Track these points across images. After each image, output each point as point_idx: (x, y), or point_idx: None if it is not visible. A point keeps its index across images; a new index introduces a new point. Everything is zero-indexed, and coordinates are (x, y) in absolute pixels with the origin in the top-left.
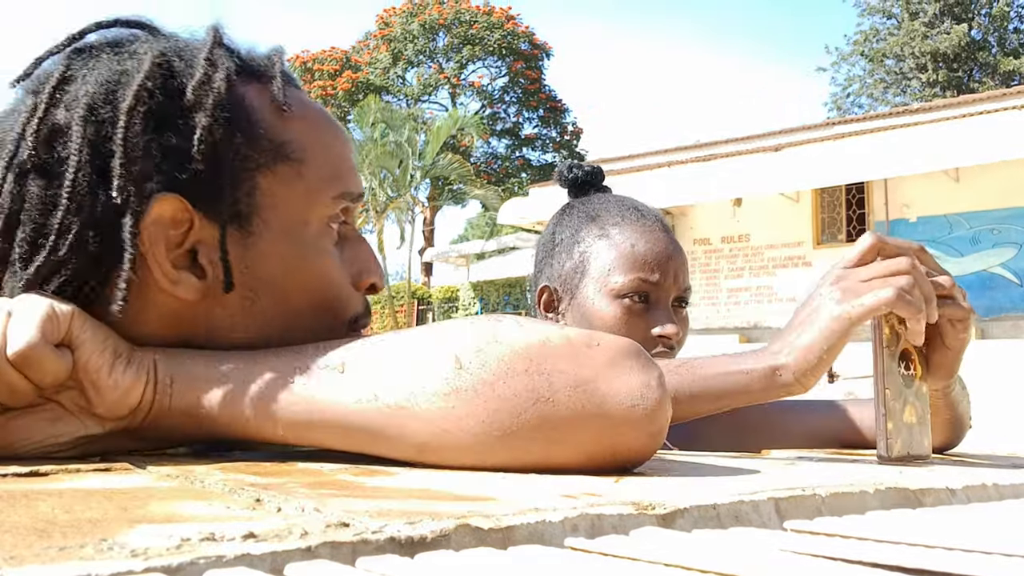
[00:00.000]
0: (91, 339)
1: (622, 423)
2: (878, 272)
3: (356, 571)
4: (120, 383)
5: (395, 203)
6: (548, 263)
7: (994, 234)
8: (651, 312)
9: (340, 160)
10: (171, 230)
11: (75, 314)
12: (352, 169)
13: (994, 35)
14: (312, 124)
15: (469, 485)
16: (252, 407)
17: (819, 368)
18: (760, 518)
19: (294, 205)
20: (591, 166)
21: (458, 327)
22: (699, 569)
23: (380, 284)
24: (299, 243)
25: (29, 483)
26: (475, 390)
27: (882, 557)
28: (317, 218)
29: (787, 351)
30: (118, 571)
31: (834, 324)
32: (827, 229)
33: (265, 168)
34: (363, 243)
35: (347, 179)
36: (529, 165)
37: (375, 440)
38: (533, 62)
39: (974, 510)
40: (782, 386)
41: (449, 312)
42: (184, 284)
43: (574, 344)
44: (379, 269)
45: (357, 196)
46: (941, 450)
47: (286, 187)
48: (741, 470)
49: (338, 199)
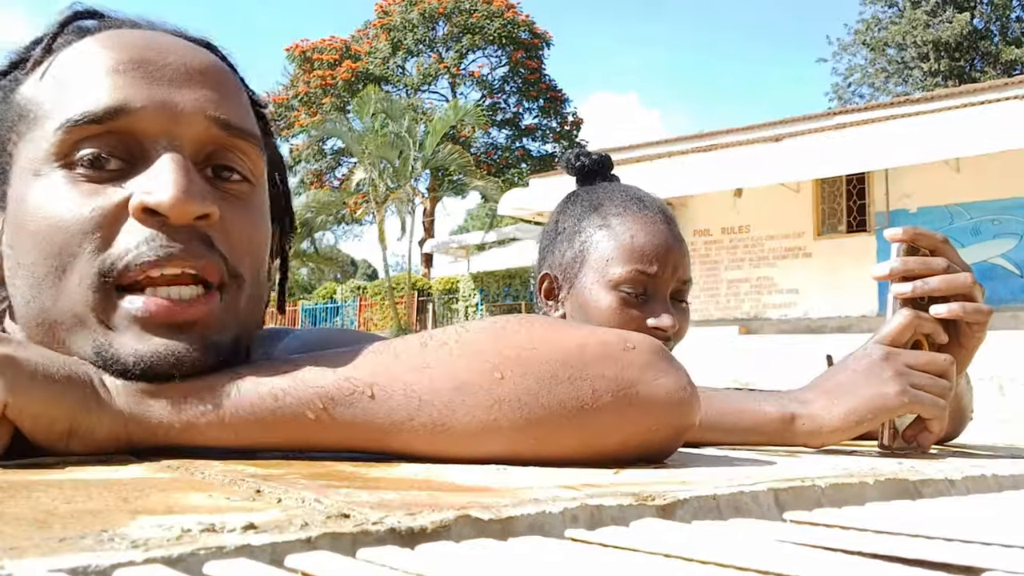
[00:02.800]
0: (32, 425)
1: (659, 422)
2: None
3: (356, 562)
4: (79, 451)
5: (395, 194)
6: (550, 251)
7: (995, 224)
8: (648, 304)
9: (81, 88)
10: None
11: (9, 403)
12: (102, 84)
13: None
14: (65, 71)
15: (470, 476)
16: (265, 442)
17: (852, 432)
18: (760, 509)
19: (28, 158)
20: (598, 154)
21: (489, 333)
22: (699, 560)
23: (158, 202)
24: (31, 194)
25: (29, 474)
26: (519, 400)
27: (881, 548)
28: (48, 156)
29: (821, 405)
30: (119, 562)
31: (890, 401)
32: (827, 220)
33: (14, 136)
34: (162, 164)
35: (83, 101)
36: (529, 155)
37: (407, 451)
38: (533, 51)
39: (973, 501)
40: (798, 434)
41: (449, 303)
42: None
43: (611, 347)
44: (161, 185)
45: (108, 112)
46: (942, 441)
47: (24, 143)
48: (741, 461)
49: (64, 130)
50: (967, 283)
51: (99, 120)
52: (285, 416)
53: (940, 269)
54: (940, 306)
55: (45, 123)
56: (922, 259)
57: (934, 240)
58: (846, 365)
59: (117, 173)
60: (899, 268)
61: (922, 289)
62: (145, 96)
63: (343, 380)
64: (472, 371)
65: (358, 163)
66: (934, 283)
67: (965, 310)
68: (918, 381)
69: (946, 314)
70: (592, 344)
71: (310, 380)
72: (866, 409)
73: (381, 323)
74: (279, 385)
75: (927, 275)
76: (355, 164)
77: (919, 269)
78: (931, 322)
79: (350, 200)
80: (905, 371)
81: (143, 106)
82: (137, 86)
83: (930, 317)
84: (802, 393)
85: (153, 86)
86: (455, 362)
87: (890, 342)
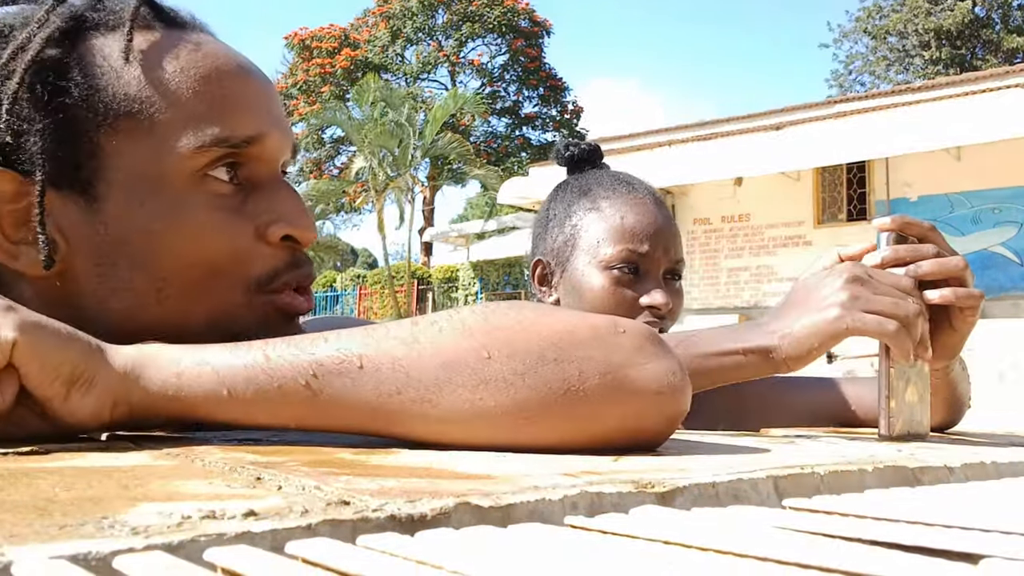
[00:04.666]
0: (37, 370)
1: (648, 408)
2: (891, 290)
3: (356, 549)
4: (78, 411)
5: (395, 183)
6: (542, 238)
7: (995, 213)
8: (640, 283)
9: (208, 105)
10: (8, 205)
11: (19, 341)
12: (236, 110)
13: (998, 12)
14: (169, 70)
15: (470, 464)
16: (258, 408)
17: (807, 359)
18: (759, 496)
19: (144, 162)
20: (588, 144)
21: (479, 315)
22: (698, 547)
23: (304, 235)
24: (155, 203)
25: (29, 461)
26: (505, 380)
27: (880, 535)
28: (178, 172)
29: (781, 334)
30: (119, 548)
31: (830, 327)
32: (828, 208)
33: (106, 127)
34: (281, 190)
35: (219, 124)
36: (529, 144)
37: (394, 429)
38: (533, 40)
39: (972, 488)
40: (774, 366)
41: (449, 292)
42: (24, 258)
43: (600, 330)
44: (300, 217)
45: (246, 140)
46: (940, 429)
47: (134, 144)
48: (740, 448)
49: (208, 148)
50: (958, 267)
51: (238, 146)
52: (276, 376)
53: (930, 255)
54: (933, 291)
55: (161, 131)
56: (912, 246)
57: (922, 228)
58: (813, 284)
59: (242, 195)
60: (890, 256)
61: (914, 274)
62: (270, 123)
63: (333, 350)
64: (460, 350)
65: (357, 152)
66: (926, 267)
67: (957, 295)
68: (874, 305)
69: (939, 299)
70: (582, 327)
71: (303, 347)
72: (815, 334)
73: (381, 312)
74: (272, 346)
75: (918, 261)
76: (354, 153)
77: (910, 256)
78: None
79: (350, 189)
80: (861, 294)
81: (270, 134)
82: (261, 112)
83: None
84: (771, 321)
85: (272, 111)
86: (443, 340)
87: (850, 257)
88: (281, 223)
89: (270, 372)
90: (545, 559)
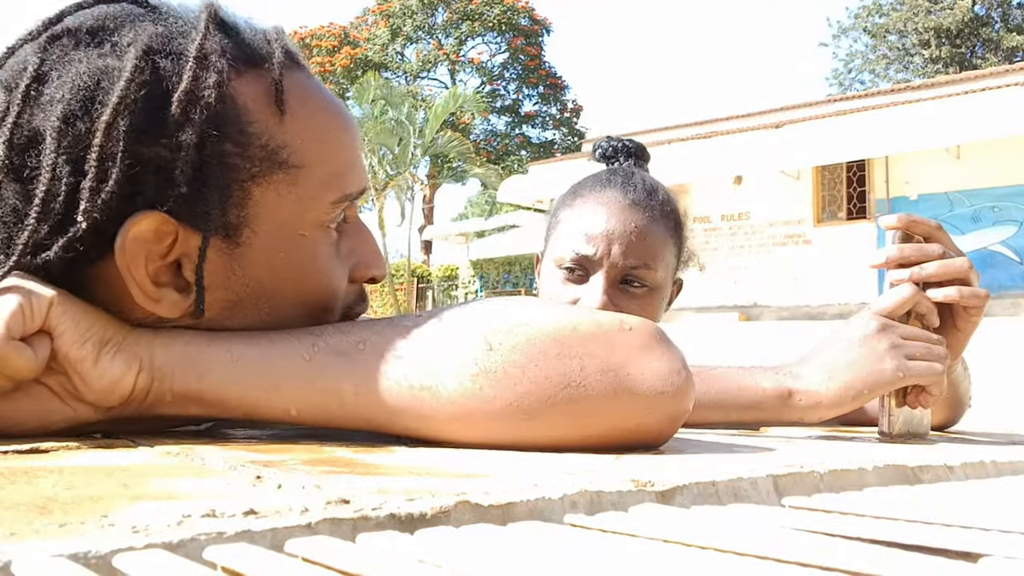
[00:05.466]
0: (71, 329)
1: (650, 407)
2: (916, 332)
3: (356, 547)
4: (106, 374)
5: (395, 181)
6: (545, 231)
7: (995, 212)
8: (586, 285)
9: (342, 161)
10: (153, 245)
11: (55, 302)
12: (355, 165)
13: (997, 11)
14: (312, 122)
15: (469, 462)
16: (264, 389)
17: (849, 407)
18: (759, 495)
19: (288, 214)
20: (620, 140)
21: (485, 308)
22: (697, 546)
23: (381, 275)
24: (292, 251)
25: (30, 460)
26: (505, 372)
27: (880, 533)
28: (314, 223)
29: (818, 381)
30: (119, 547)
31: (886, 376)
32: (827, 207)
33: (259, 177)
34: (363, 233)
35: (348, 180)
36: (529, 143)
37: (396, 420)
38: (533, 38)
39: (972, 487)
40: (796, 410)
41: (449, 290)
42: (166, 302)
43: (604, 328)
44: (380, 260)
45: (359, 194)
46: (940, 428)
47: (280, 196)
48: (740, 447)
49: (338, 203)
50: (963, 268)
51: (355, 198)
52: (281, 353)
53: (936, 255)
54: (937, 291)
55: (305, 182)
56: (917, 246)
57: (928, 227)
58: (840, 336)
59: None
60: (895, 256)
61: (919, 275)
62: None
63: (337, 331)
64: (462, 339)
65: None
66: (931, 269)
67: (962, 294)
68: (913, 351)
69: (943, 299)
70: (586, 324)
71: (309, 328)
72: (863, 384)
73: (381, 310)
74: (279, 332)
75: (923, 261)
76: None
77: (915, 256)
78: (929, 301)
79: None
80: (900, 343)
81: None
82: (362, 163)
83: (928, 297)
84: (797, 367)
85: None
86: (446, 330)
87: (887, 314)
88: (370, 267)
89: (277, 343)
90: (545, 557)
